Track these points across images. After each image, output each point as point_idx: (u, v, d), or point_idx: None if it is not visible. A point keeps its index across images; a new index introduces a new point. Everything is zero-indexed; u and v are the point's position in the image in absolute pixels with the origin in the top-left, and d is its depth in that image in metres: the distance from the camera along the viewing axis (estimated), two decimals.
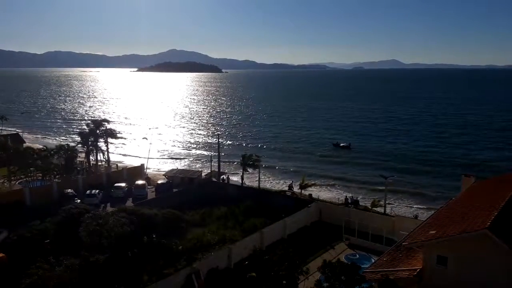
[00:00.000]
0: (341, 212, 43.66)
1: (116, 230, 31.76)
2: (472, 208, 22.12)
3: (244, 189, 54.68)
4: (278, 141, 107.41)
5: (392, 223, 40.60)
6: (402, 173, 72.42)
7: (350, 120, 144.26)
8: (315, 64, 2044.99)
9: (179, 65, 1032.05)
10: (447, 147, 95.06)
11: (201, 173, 62.55)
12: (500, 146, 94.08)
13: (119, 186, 54.05)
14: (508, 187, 24.00)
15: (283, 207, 45.94)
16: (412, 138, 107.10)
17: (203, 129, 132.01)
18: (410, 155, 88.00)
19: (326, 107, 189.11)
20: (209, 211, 45.63)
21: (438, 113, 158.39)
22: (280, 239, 38.92)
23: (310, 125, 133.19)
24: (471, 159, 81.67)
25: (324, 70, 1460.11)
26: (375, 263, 23.26)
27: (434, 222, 22.22)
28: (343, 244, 39.31)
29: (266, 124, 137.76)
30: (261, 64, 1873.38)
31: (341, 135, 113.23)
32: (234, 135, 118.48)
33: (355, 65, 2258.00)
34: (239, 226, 41.58)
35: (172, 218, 39.87)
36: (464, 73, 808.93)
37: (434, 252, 19.47)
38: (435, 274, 19.41)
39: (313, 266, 32.96)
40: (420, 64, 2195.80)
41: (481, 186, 29.31)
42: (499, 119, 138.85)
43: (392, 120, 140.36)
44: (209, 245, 36.87)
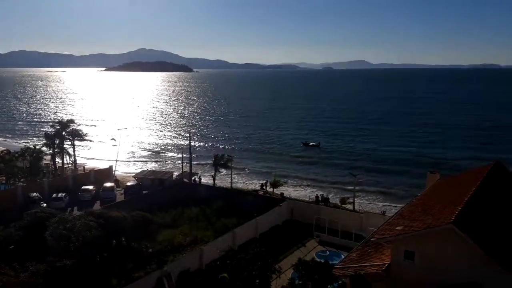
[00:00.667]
0: (312, 210, 44.16)
1: (84, 234, 30.96)
2: (437, 204, 22.78)
3: (216, 190, 54.42)
4: (250, 141, 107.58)
5: (361, 219, 41.42)
6: (371, 171, 73.89)
7: (320, 119, 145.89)
8: (286, 64, 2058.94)
9: (148, 64, 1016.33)
10: (414, 146, 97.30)
11: (172, 174, 61.81)
12: (466, 145, 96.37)
13: (87, 189, 52.74)
14: (472, 182, 24.84)
15: (255, 206, 46.02)
16: (380, 137, 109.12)
17: (174, 130, 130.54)
18: (378, 153, 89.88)
19: (297, 106, 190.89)
20: (180, 212, 45.14)
21: (406, 112, 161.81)
22: (252, 239, 38.95)
23: (282, 125, 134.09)
24: (438, 157, 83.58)
25: (295, 70, 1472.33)
26: (345, 259, 23.61)
27: (401, 218, 22.76)
28: (314, 241, 39.78)
29: (238, 124, 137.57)
30: (233, 64, 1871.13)
31: (311, 134, 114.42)
32: (206, 136, 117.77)
33: (325, 65, 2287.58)
34: (211, 227, 41.39)
35: (141, 220, 39.18)
36: (429, 73, 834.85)
37: (401, 247, 19.93)
38: (402, 268, 19.88)
39: (285, 264, 33.30)
40: (387, 64, 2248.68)
41: (446, 182, 30.25)
42: (465, 118, 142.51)
43: (361, 120, 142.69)
44: (180, 246, 36.53)
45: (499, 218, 21.82)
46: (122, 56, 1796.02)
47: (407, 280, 19.49)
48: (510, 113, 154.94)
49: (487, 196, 23.32)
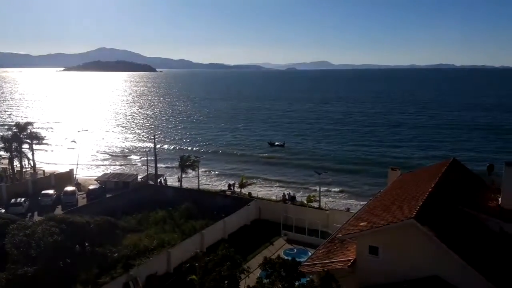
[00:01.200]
0: (279, 209, 44.69)
1: (45, 240, 29.90)
2: (399, 199, 23.59)
3: (183, 191, 53.94)
4: (216, 142, 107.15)
5: (326, 216, 42.30)
6: (334, 169, 75.74)
7: (284, 119, 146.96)
8: (251, 64, 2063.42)
9: (109, 64, 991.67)
10: (375, 145, 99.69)
11: (136, 177, 60.72)
12: (423, 144, 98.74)
13: (47, 194, 51.03)
14: (431, 178, 25.91)
15: (223, 207, 46.08)
16: (342, 137, 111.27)
17: (138, 131, 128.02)
18: (340, 153, 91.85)
19: (262, 106, 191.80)
20: (146, 215, 44.43)
21: (366, 112, 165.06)
22: (220, 240, 38.95)
23: (247, 125, 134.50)
24: (398, 156, 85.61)
25: (260, 71, 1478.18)
26: (312, 256, 24.04)
27: (365, 214, 23.42)
28: (281, 239, 40.25)
29: (204, 125, 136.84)
30: (197, 64, 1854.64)
31: (276, 134, 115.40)
32: (171, 137, 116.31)
33: (289, 65, 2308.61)
34: (178, 229, 41.00)
35: (105, 224, 38.25)
36: (388, 73, 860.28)
37: (366, 243, 20.50)
38: (367, 263, 20.46)
39: (254, 264, 33.51)
40: (348, 65, 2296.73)
41: (407, 178, 31.36)
42: (420, 117, 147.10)
43: (324, 119, 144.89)
44: (147, 250, 36.02)
45: (457, 212, 22.91)
46: (82, 55, 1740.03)
47: (372, 274, 20.07)
48: (464, 112, 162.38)
49: (446, 191, 24.42)
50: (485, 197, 25.80)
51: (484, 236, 22.16)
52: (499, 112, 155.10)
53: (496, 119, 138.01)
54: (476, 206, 23.95)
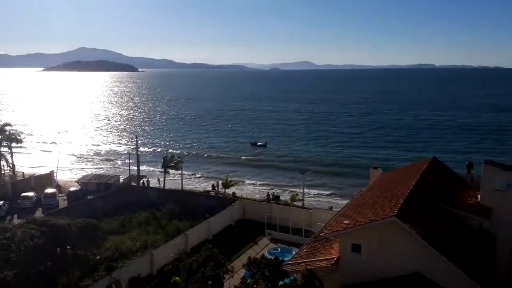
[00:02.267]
0: (263, 209, 44.80)
1: (26, 243, 29.27)
2: (381, 198, 23.90)
3: (166, 192, 53.55)
4: (200, 142, 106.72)
5: (310, 215, 42.59)
6: (318, 168, 76.26)
7: (267, 120, 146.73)
8: (234, 65, 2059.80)
9: (90, 64, 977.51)
10: (359, 144, 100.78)
11: (118, 178, 59.98)
12: (407, 145, 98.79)
13: (27, 196, 50.06)
14: (412, 176, 26.34)
15: (207, 207, 45.95)
16: (326, 137, 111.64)
17: (120, 132, 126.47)
18: (324, 152, 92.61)
19: (245, 107, 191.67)
20: (128, 217, 43.99)
21: (348, 112, 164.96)
22: (204, 240, 38.81)
23: (230, 125, 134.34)
24: (379, 158, 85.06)
25: (243, 71, 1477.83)
26: (296, 255, 24.17)
27: (347, 212, 23.63)
28: (266, 239, 40.37)
29: (187, 125, 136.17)
30: (180, 64, 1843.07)
31: (258, 134, 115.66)
32: (154, 137, 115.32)
33: (272, 65, 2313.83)
34: (162, 230, 40.71)
35: (87, 227, 37.72)
36: (370, 72, 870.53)
37: (348, 241, 20.70)
38: (350, 261, 20.66)
39: (238, 264, 33.49)
40: (331, 65, 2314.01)
41: (388, 176, 31.82)
42: (407, 118, 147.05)
43: (308, 120, 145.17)
44: (130, 252, 35.74)
45: (438, 210, 23.35)
46: (62, 55, 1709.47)
47: (355, 272, 20.28)
48: (444, 111, 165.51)
49: (427, 189, 24.86)
50: (464, 195, 26.37)
51: (464, 233, 22.65)
52: (479, 112, 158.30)
53: (475, 118, 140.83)
54: (456, 203, 24.46)
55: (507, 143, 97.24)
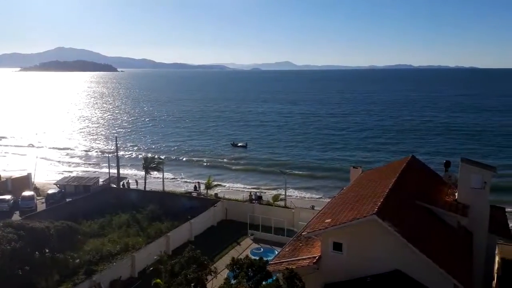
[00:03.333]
0: (246, 209, 44.84)
1: (3, 247, 28.63)
2: (361, 196, 24.20)
3: (147, 194, 53.00)
4: (181, 143, 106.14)
5: (292, 215, 42.81)
6: (299, 167, 77.19)
7: (247, 120, 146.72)
8: (215, 65, 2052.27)
9: (68, 64, 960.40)
10: (339, 144, 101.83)
11: (97, 180, 59.08)
12: (386, 147, 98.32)
13: (3, 199, 48.91)
14: (391, 175, 26.75)
15: (189, 208, 45.73)
16: (307, 136, 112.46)
17: (99, 133, 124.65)
18: (305, 151, 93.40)
19: (225, 108, 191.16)
20: (108, 219, 43.40)
21: (328, 113, 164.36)
22: (187, 242, 38.61)
23: (210, 126, 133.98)
24: (358, 159, 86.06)
25: (225, 71, 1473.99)
26: (278, 255, 24.25)
27: (329, 211, 23.82)
28: (248, 239, 40.40)
29: (168, 126, 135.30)
30: (160, 64, 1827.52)
31: (239, 135, 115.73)
32: (135, 139, 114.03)
33: (254, 66, 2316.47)
34: (143, 233, 40.28)
35: (66, 230, 37.16)
36: (349, 73, 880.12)
37: (330, 240, 20.87)
38: (332, 260, 20.84)
39: (221, 264, 33.42)
40: (311, 66, 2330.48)
41: (368, 175, 32.21)
42: (383, 119, 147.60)
43: (288, 120, 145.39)
44: (110, 255, 35.31)
45: (416, 207, 23.77)
46: (39, 55, 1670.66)
47: (337, 270, 20.47)
48: (422, 111, 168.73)
49: (406, 187, 25.28)
50: (442, 193, 26.92)
51: (443, 230, 23.12)
52: (455, 112, 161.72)
53: (452, 118, 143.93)
54: (434, 201, 24.93)
55: (483, 142, 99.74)
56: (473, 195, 24.61)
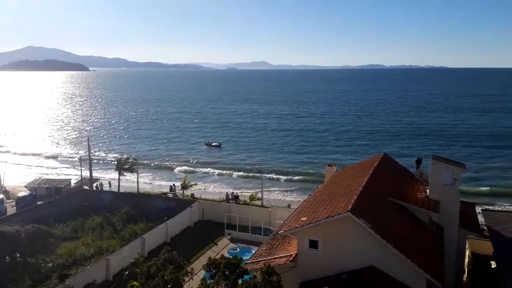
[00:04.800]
0: (222, 209, 44.75)
1: None
2: (336, 194, 24.56)
3: (121, 195, 52.14)
4: (154, 144, 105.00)
5: (269, 214, 43.01)
6: (275, 166, 78.01)
7: (222, 120, 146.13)
8: (190, 64, 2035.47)
9: (38, 63, 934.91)
10: (314, 145, 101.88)
11: (70, 182, 57.81)
12: (353, 148, 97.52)
13: None
14: (365, 172, 27.25)
15: (164, 210, 45.26)
16: (281, 136, 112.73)
17: (71, 134, 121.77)
18: (278, 151, 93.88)
19: (201, 108, 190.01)
20: (81, 222, 42.58)
21: (297, 114, 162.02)
22: (163, 243, 38.24)
23: (184, 126, 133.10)
24: (330, 155, 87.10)
25: (200, 70, 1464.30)
26: (255, 254, 24.34)
27: (305, 209, 24.10)
28: (225, 239, 40.35)
29: (141, 127, 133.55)
30: (134, 63, 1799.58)
31: (213, 134, 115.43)
32: (108, 139, 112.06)
33: (229, 65, 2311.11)
34: (117, 235, 39.67)
35: (37, 233, 36.24)
36: (324, 73, 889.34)
37: (306, 237, 21.11)
38: (308, 257, 21.09)
39: (198, 265, 33.24)
40: (286, 65, 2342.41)
41: (342, 173, 32.73)
42: (355, 119, 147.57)
43: (262, 120, 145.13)
44: (84, 258, 34.69)
45: (389, 204, 24.29)
46: (7, 54, 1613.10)
47: (313, 267, 20.73)
48: (394, 110, 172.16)
49: (379, 184, 25.80)
50: (414, 189, 27.62)
51: (415, 226, 23.72)
52: (425, 111, 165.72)
53: (422, 117, 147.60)
54: (407, 198, 25.56)
55: (453, 140, 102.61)
56: (443, 192, 25.35)
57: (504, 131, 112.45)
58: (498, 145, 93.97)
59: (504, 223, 27.40)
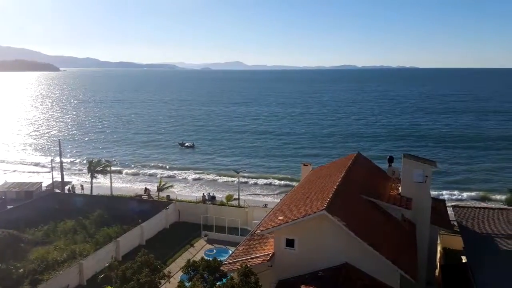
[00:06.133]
0: (199, 210, 44.51)
1: None
2: (311, 193, 24.82)
3: (94, 198, 51.16)
4: (128, 145, 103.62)
5: (246, 214, 43.06)
6: (251, 165, 78.19)
7: (194, 121, 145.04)
8: (164, 64, 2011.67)
9: (5, 63, 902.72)
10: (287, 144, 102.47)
11: (40, 185, 56.19)
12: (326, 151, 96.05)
13: None
14: (339, 171, 27.65)
15: (140, 212, 44.65)
16: (256, 136, 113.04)
17: (41, 136, 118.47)
18: (254, 151, 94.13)
19: (178, 108, 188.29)
20: (53, 226, 41.61)
21: (275, 114, 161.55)
22: (138, 246, 37.72)
23: (158, 127, 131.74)
24: (306, 155, 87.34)
25: (174, 70, 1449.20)
26: (232, 254, 24.32)
27: (281, 209, 24.25)
28: (202, 240, 40.13)
29: (113, 128, 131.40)
30: (105, 62, 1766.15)
31: (186, 135, 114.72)
32: (80, 141, 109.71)
33: (204, 65, 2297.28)
34: (91, 239, 38.87)
35: (7, 238, 35.24)
36: (297, 73, 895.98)
37: (282, 236, 21.25)
38: (284, 256, 21.24)
39: (175, 267, 32.99)
40: (261, 66, 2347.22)
41: (317, 172, 33.10)
42: (329, 119, 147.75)
43: (234, 120, 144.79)
44: (57, 263, 33.88)
45: (363, 201, 24.73)
46: None
47: (290, 266, 20.89)
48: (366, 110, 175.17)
49: (353, 182, 26.23)
50: (387, 187, 28.21)
51: (388, 223, 24.23)
52: (397, 111, 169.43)
53: (394, 116, 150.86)
54: (380, 195, 26.08)
55: (423, 139, 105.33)
56: (415, 189, 26.00)
57: (467, 131, 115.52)
58: (467, 146, 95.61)
59: (473, 218, 28.33)
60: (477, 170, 74.86)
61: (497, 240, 25.07)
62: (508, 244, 24.44)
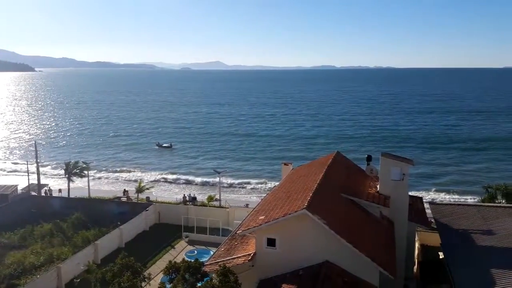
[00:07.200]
0: (179, 211, 44.16)
1: None
2: (292, 192, 24.97)
3: (72, 201, 50.17)
4: (104, 146, 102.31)
5: (227, 214, 42.96)
6: (231, 166, 78.12)
7: (173, 122, 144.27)
8: (143, 64, 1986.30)
9: None
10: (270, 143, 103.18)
11: (16, 188, 54.72)
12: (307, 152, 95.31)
13: None
14: (319, 170, 27.90)
15: (119, 214, 44.00)
16: (236, 137, 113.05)
17: (16, 138, 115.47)
18: (235, 152, 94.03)
19: (150, 108, 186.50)
20: (30, 230, 40.56)
21: (258, 115, 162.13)
22: (117, 249, 37.16)
23: (134, 128, 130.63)
24: (287, 154, 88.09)
25: (153, 70, 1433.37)
26: (214, 255, 24.24)
27: (262, 208, 24.30)
28: (183, 242, 39.85)
29: (90, 128, 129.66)
30: (82, 62, 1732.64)
31: (162, 135, 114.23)
32: (56, 143, 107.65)
33: (183, 65, 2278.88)
34: (68, 242, 38.12)
35: None
36: (277, 74, 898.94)
37: (264, 236, 21.31)
38: (266, 255, 21.29)
39: (155, 270, 32.67)
40: (241, 66, 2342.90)
41: (298, 171, 33.31)
42: (309, 119, 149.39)
43: (216, 121, 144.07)
44: (33, 267, 33.12)
45: (343, 199, 25.01)
46: None
47: (271, 265, 20.96)
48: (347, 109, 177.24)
49: (332, 181, 26.51)
50: (365, 185, 28.60)
51: (367, 221, 24.58)
52: (375, 110, 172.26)
53: (372, 115, 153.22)
54: (358, 193, 26.43)
55: (401, 138, 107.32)
56: (393, 187, 26.43)
57: (446, 130, 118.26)
58: (446, 146, 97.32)
59: (450, 215, 29.00)
60: (454, 170, 75.81)
61: (474, 236, 25.73)
62: (484, 240, 25.10)
